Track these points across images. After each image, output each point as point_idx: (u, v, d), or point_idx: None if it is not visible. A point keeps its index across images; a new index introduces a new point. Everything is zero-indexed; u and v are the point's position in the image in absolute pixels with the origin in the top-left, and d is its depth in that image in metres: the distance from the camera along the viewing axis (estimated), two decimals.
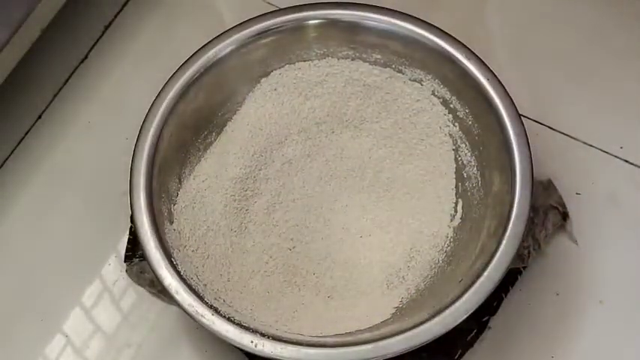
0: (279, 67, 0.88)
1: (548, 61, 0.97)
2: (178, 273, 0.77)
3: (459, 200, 0.86)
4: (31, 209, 0.95)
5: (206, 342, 0.88)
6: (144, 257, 0.79)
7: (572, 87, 0.95)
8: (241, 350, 0.78)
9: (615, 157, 0.92)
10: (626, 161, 0.92)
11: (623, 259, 0.88)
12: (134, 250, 0.88)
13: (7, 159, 0.97)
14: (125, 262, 0.89)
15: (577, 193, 0.90)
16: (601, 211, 0.90)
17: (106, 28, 1.03)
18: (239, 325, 0.75)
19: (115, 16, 1.03)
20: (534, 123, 0.93)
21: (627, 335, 0.86)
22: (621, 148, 0.92)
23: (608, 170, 0.92)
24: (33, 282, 0.92)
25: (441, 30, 0.84)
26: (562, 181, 0.90)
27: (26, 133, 0.98)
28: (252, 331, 0.74)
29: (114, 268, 0.92)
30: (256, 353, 0.74)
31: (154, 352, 0.89)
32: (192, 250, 0.82)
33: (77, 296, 0.91)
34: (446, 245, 0.85)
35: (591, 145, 0.93)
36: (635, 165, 0.92)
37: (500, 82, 0.82)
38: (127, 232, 0.90)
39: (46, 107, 0.99)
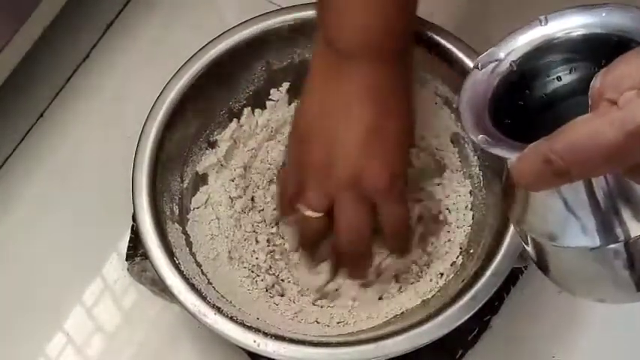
0: (282, 67, 0.88)
1: None
2: (181, 272, 0.77)
3: None
4: (32, 208, 0.95)
5: (207, 341, 0.88)
6: (146, 256, 0.78)
7: None
8: (244, 350, 0.78)
9: None
10: None
11: None
12: (136, 249, 0.88)
13: (8, 157, 0.97)
14: (127, 260, 0.88)
15: None
16: None
17: (108, 27, 1.03)
18: (242, 324, 0.75)
19: (117, 16, 1.03)
20: None
21: (628, 335, 0.86)
22: None
23: None
24: (34, 281, 0.92)
25: (443, 29, 0.84)
26: None
27: (28, 132, 0.98)
28: (255, 331, 0.74)
29: (115, 266, 0.92)
30: (259, 353, 0.74)
31: (155, 350, 0.89)
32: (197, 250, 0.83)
33: (78, 295, 0.91)
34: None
35: None
36: None
37: None
38: (129, 231, 0.90)
39: (48, 106, 0.99)
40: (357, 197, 0.75)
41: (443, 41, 0.83)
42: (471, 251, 0.82)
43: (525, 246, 0.60)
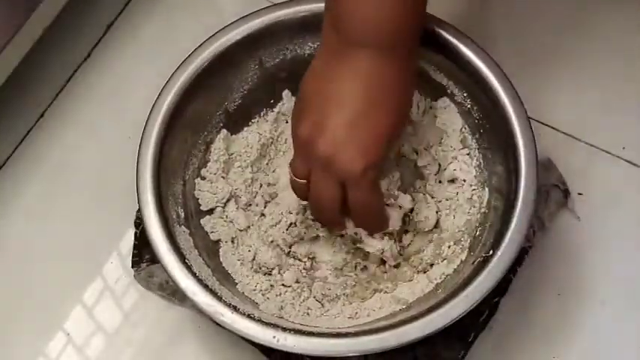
0: (274, 64, 0.89)
1: (550, 60, 0.98)
2: (194, 274, 0.77)
3: None
4: (33, 208, 0.95)
5: (208, 341, 0.88)
6: (152, 262, 0.78)
7: (575, 86, 0.96)
8: (259, 349, 0.78)
9: (618, 157, 0.93)
10: (629, 162, 0.93)
11: (625, 259, 0.89)
12: (141, 256, 0.88)
13: (9, 157, 0.97)
14: (132, 267, 0.88)
15: (579, 194, 0.91)
16: (603, 212, 0.91)
17: (109, 27, 1.03)
18: (259, 321, 0.75)
19: (118, 16, 1.03)
20: (536, 123, 0.94)
21: (629, 335, 0.87)
22: (623, 149, 0.92)
23: (611, 171, 0.93)
24: (34, 280, 0.92)
25: (444, 22, 0.83)
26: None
27: (28, 132, 0.98)
28: (274, 326, 0.74)
29: (115, 266, 0.92)
30: (279, 348, 0.73)
31: (156, 350, 0.89)
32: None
33: (79, 295, 0.91)
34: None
35: (594, 146, 0.94)
36: (638, 166, 0.93)
37: (494, 61, 0.82)
38: (129, 231, 0.90)
39: (49, 106, 0.99)
40: (329, 176, 0.77)
41: (445, 35, 0.83)
42: (478, 234, 0.82)
43: None
